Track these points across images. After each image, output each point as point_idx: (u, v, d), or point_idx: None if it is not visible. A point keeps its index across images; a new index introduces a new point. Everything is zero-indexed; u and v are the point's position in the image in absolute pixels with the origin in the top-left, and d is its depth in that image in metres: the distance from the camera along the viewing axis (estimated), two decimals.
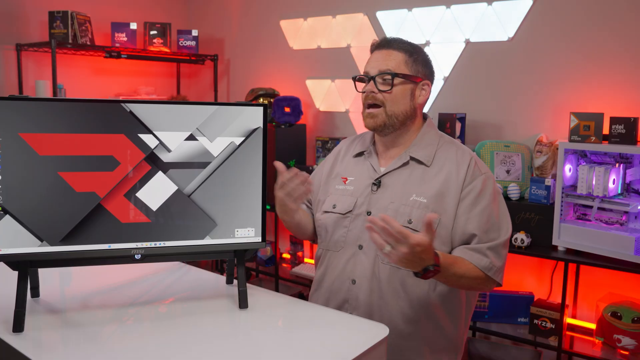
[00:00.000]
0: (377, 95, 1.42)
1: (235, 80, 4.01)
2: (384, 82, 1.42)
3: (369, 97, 1.43)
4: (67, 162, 1.13)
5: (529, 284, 2.76)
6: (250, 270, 3.65)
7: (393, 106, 1.42)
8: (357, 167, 1.53)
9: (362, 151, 1.55)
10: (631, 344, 2.25)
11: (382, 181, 1.46)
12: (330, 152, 1.69)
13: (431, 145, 1.46)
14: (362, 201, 1.46)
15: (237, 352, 1.07)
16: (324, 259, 1.52)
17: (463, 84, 2.94)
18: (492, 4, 2.79)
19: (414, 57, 1.44)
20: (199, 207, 1.22)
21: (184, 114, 1.20)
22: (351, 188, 1.50)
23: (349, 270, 1.45)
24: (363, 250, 1.43)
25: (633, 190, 2.30)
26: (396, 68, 1.42)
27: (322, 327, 1.20)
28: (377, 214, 1.39)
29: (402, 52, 1.44)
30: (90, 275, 1.47)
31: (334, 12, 3.38)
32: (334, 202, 1.51)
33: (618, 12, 2.46)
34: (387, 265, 1.40)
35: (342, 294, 1.45)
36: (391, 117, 1.42)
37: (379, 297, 1.41)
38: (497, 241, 1.39)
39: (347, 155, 1.59)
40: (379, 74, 1.42)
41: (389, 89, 1.41)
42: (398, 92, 1.42)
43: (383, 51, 1.45)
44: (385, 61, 1.43)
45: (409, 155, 1.45)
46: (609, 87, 2.50)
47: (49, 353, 1.06)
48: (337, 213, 1.48)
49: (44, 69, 3.32)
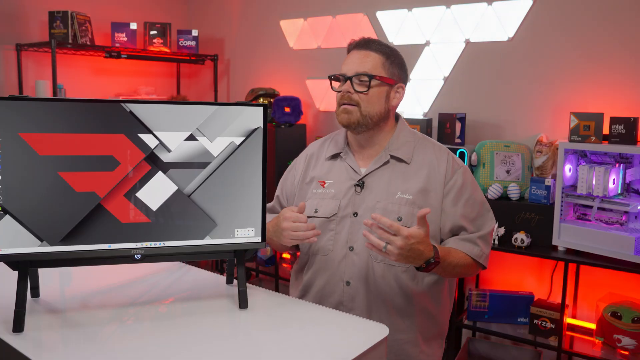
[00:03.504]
0: (353, 95, 1.43)
1: (235, 80, 4.01)
2: (360, 83, 1.43)
3: (345, 97, 1.44)
4: (67, 162, 1.13)
5: (529, 284, 2.76)
6: (250, 270, 3.65)
7: (368, 107, 1.43)
8: (334, 170, 1.53)
9: (337, 153, 1.54)
10: (631, 344, 2.25)
11: (365, 182, 1.47)
12: (297, 157, 1.67)
13: (408, 143, 1.50)
14: (347, 203, 1.46)
15: (237, 352, 1.07)
16: (311, 264, 1.51)
17: (463, 84, 2.94)
18: (492, 4, 2.79)
19: (390, 59, 1.46)
20: (199, 207, 1.22)
21: (184, 114, 1.20)
22: (332, 191, 1.49)
23: (341, 272, 1.45)
24: (355, 252, 1.44)
25: (633, 190, 2.30)
26: (373, 70, 1.43)
27: (322, 327, 1.20)
28: (365, 215, 1.42)
29: (380, 54, 1.45)
30: (90, 275, 1.47)
31: (334, 12, 3.38)
32: (314, 207, 1.50)
33: (618, 12, 2.46)
34: (381, 264, 1.42)
35: (336, 297, 1.46)
36: (365, 117, 1.44)
37: (375, 295, 1.42)
38: (486, 230, 1.46)
39: (320, 158, 1.58)
40: (355, 75, 1.43)
41: (365, 90, 1.43)
42: (374, 94, 1.43)
43: (361, 52, 1.45)
44: (362, 62, 1.44)
45: (389, 154, 1.48)
46: (609, 87, 2.50)
47: (49, 353, 1.06)
48: (321, 217, 1.48)
49: (44, 69, 3.32)
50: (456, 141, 2.75)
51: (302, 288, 1.54)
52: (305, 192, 1.55)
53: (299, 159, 1.64)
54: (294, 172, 1.63)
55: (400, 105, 3.06)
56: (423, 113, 3.09)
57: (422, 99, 3.08)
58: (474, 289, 2.68)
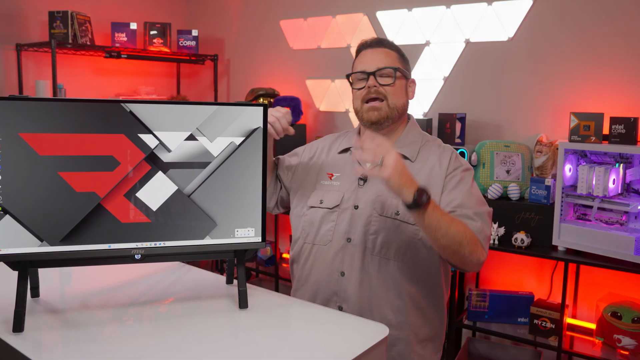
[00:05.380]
0: (380, 88, 1.47)
1: (235, 80, 4.01)
2: (385, 77, 1.47)
3: (372, 91, 1.47)
4: (67, 162, 1.13)
5: (529, 284, 2.76)
6: (250, 270, 3.65)
7: (395, 99, 1.48)
8: (343, 163, 1.56)
9: (348, 147, 1.58)
10: (631, 344, 2.25)
11: (369, 176, 1.49)
12: (313, 143, 1.70)
13: (415, 142, 1.52)
14: (349, 196, 1.49)
15: (237, 352, 1.07)
16: (309, 255, 1.53)
17: (463, 84, 2.94)
18: (492, 4, 2.79)
19: (402, 56, 1.54)
20: (199, 207, 1.22)
21: (184, 114, 1.20)
22: (337, 184, 1.53)
23: (337, 263, 1.47)
24: (352, 243, 1.46)
25: (633, 190, 2.30)
26: (394, 64, 1.49)
27: (322, 327, 1.20)
28: (365, 208, 1.46)
29: (394, 51, 1.52)
30: (90, 275, 1.47)
31: (334, 12, 3.38)
32: (320, 198, 1.53)
33: (618, 11, 2.46)
34: (376, 257, 1.43)
35: (331, 287, 1.48)
36: (393, 110, 1.48)
37: (368, 288, 1.44)
38: (482, 209, 1.41)
39: (331, 151, 1.61)
40: (378, 70, 1.47)
41: (391, 82, 1.47)
42: (399, 86, 1.49)
43: (377, 49, 1.51)
44: (382, 59, 1.49)
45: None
46: (609, 87, 2.50)
47: (49, 353, 1.06)
48: (324, 208, 1.51)
49: (44, 69, 3.32)
50: (456, 141, 2.75)
51: (300, 278, 1.56)
52: (315, 181, 1.57)
53: (313, 146, 1.67)
54: (304, 153, 1.67)
55: None
56: (423, 113, 3.09)
57: (422, 99, 3.08)
58: (474, 289, 2.68)
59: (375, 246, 1.43)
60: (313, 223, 1.52)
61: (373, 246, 1.43)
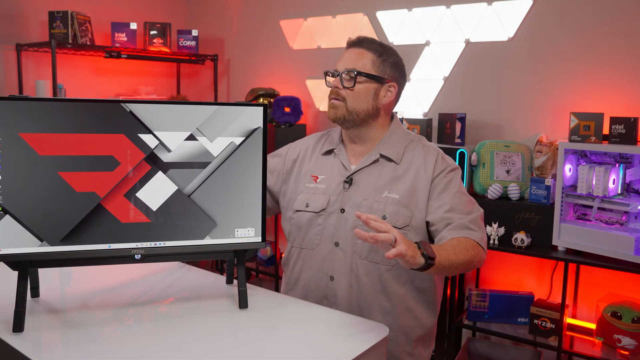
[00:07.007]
0: (340, 90, 1.48)
1: (235, 80, 4.01)
2: (348, 79, 1.47)
3: (333, 91, 1.49)
4: (67, 162, 1.13)
5: (529, 284, 2.76)
6: (250, 270, 3.65)
7: (353, 103, 1.47)
8: (327, 166, 1.56)
9: (331, 149, 1.57)
10: (631, 344, 2.25)
11: (354, 179, 1.49)
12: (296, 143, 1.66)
13: (400, 143, 1.51)
14: (335, 199, 1.49)
15: (237, 352, 1.07)
16: (298, 258, 1.54)
17: (463, 84, 2.94)
18: (492, 4, 2.79)
19: (382, 58, 1.48)
20: (199, 207, 1.22)
21: (184, 114, 1.20)
22: (322, 186, 1.52)
23: (326, 266, 1.47)
24: (340, 247, 1.46)
25: (633, 190, 2.30)
26: (362, 67, 1.46)
27: (322, 327, 1.20)
28: (351, 212, 1.45)
29: (372, 52, 1.48)
30: (90, 275, 1.47)
31: (334, 12, 3.38)
32: (306, 201, 1.52)
33: (618, 11, 2.46)
34: (364, 261, 1.44)
35: (321, 291, 1.48)
36: (351, 113, 1.47)
37: (357, 291, 1.44)
38: (474, 214, 1.41)
39: (314, 153, 1.61)
40: (345, 71, 1.47)
41: (351, 86, 1.46)
42: (360, 90, 1.46)
43: (354, 49, 1.50)
44: (353, 60, 1.48)
45: (379, 153, 1.50)
46: (609, 87, 2.50)
47: (49, 353, 1.06)
48: (310, 212, 1.50)
49: (44, 69, 3.32)
50: (456, 141, 2.75)
51: (290, 282, 1.56)
52: (299, 184, 1.57)
53: (295, 147, 1.64)
54: (288, 156, 1.63)
55: (401, 105, 3.09)
56: (423, 113, 3.09)
57: (422, 99, 3.07)
58: (474, 289, 2.68)
59: (363, 250, 1.43)
60: (300, 227, 1.52)
61: (361, 250, 1.44)
